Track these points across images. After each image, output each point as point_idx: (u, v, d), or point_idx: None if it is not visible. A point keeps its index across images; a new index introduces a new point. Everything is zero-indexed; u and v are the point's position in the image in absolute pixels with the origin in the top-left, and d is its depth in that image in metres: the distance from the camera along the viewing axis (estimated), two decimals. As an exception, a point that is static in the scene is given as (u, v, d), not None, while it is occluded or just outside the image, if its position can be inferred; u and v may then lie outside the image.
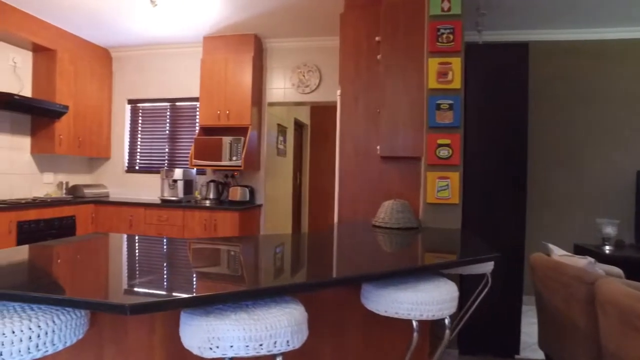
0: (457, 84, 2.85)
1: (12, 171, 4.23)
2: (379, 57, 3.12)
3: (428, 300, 1.53)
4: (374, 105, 3.22)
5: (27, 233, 3.78)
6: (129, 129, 5.21)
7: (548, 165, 4.12)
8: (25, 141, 4.37)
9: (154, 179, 5.05)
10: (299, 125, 6.41)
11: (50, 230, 4.01)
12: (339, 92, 3.31)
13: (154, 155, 5.13)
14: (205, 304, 1.11)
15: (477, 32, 3.47)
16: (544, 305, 2.55)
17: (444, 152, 2.87)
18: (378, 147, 3.07)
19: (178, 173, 4.52)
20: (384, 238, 2.37)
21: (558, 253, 2.61)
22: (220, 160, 4.35)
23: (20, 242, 3.71)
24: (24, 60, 4.32)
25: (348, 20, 3.30)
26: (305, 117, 6.56)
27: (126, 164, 5.20)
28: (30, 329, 1.09)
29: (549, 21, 3.86)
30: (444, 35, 2.89)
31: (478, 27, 3.41)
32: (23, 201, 3.90)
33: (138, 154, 5.19)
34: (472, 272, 2.28)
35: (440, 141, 2.88)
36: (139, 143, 5.20)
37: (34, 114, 4.20)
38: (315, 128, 6.86)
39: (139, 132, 5.20)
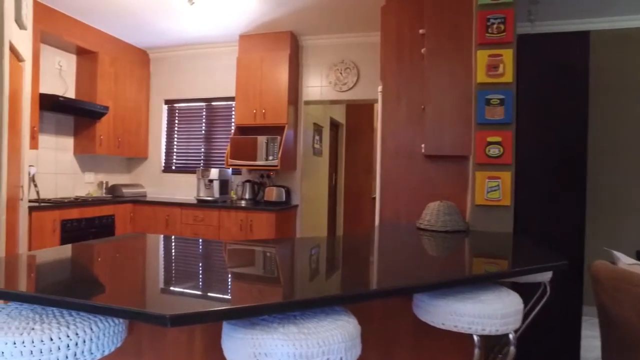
0: (508, 77, 2.65)
1: (57, 171, 4.33)
2: (423, 50, 2.96)
3: (491, 313, 1.37)
4: (418, 101, 3.06)
5: (69, 231, 3.85)
6: (165, 129, 5.26)
7: (607, 165, 3.81)
8: (69, 142, 4.47)
9: (190, 179, 5.06)
10: (334, 125, 6.29)
11: (91, 229, 4.07)
12: (380, 88, 3.17)
13: (190, 155, 5.15)
14: (250, 315, 1.00)
15: (529, 23, 3.24)
16: (611, 319, 2.31)
17: (494, 151, 2.68)
18: (422, 146, 2.91)
19: (214, 173, 4.50)
20: (431, 242, 2.21)
21: (626, 261, 2.36)
22: (256, 160, 4.29)
23: (63, 240, 3.78)
24: (69, 63, 4.42)
25: (390, 13, 3.15)
26: (340, 116, 6.44)
27: (163, 164, 5.25)
28: (68, 336, 1.02)
29: (608, 7, 3.56)
30: (494, 26, 2.70)
31: (530, 16, 3.18)
32: (66, 200, 3.98)
33: (174, 154, 5.23)
34: (528, 280, 2.09)
35: (490, 139, 2.68)
36: (175, 143, 5.23)
37: (77, 115, 4.29)
38: (351, 127, 6.73)
39: (176, 132, 5.23)
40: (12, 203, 3.20)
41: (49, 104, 3.86)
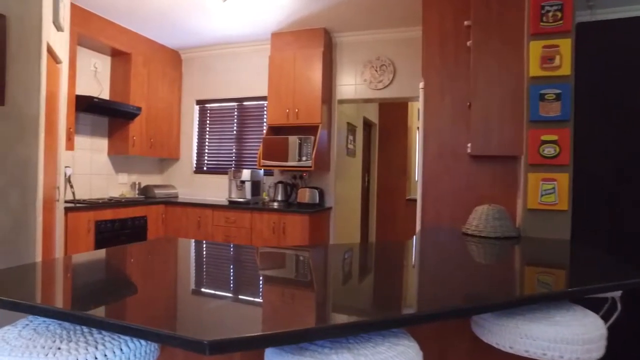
0: (566, 69, 2.42)
1: (92, 172, 4.36)
2: (469, 43, 2.76)
3: (571, 338, 1.18)
4: (463, 98, 2.86)
5: (103, 232, 3.85)
6: (197, 130, 5.24)
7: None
8: (103, 143, 4.50)
9: (221, 180, 5.01)
10: (367, 124, 6.12)
11: (124, 230, 4.07)
12: (421, 85, 2.98)
13: (222, 156, 5.10)
14: (300, 341, 0.87)
15: (587, 9, 2.98)
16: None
17: (549, 150, 2.45)
18: (469, 145, 2.71)
19: (246, 174, 4.42)
20: (482, 249, 2.02)
21: None
22: (289, 161, 4.18)
23: (97, 241, 3.78)
24: (104, 65, 4.45)
25: (432, 5, 2.97)
26: (373, 115, 6.26)
27: (194, 165, 5.22)
28: (96, 358, 0.92)
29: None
30: (550, 14, 2.47)
31: (589, 2, 2.92)
32: (100, 201, 3.99)
33: (206, 154, 5.20)
34: (594, 294, 1.87)
35: (544, 137, 2.46)
36: (206, 144, 5.20)
37: (111, 116, 4.30)
38: (384, 127, 6.53)
39: (207, 132, 5.20)
40: (49, 204, 3.20)
41: (84, 105, 3.87)
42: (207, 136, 5.20)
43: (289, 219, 3.99)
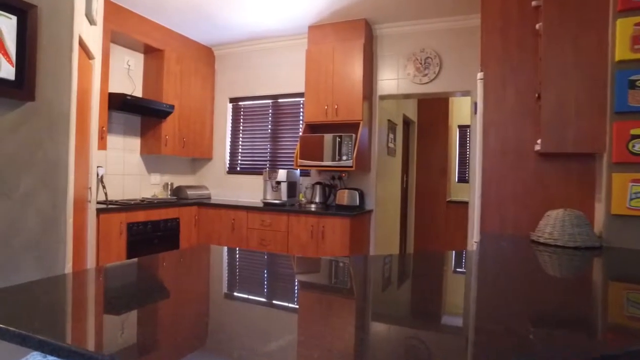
0: (661, 51, 2.07)
1: (124, 172, 4.25)
2: (538, 26, 2.43)
3: None
4: (529, 88, 2.53)
5: (135, 235, 3.71)
6: (230, 129, 5.07)
7: None
8: (136, 142, 4.38)
9: (255, 181, 4.82)
10: (405, 122, 5.80)
11: (156, 232, 3.93)
12: (479, 75, 2.67)
13: (256, 156, 4.91)
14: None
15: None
16: None
17: None
18: (538, 142, 2.39)
19: (282, 174, 4.21)
20: (566, 262, 1.71)
21: None
22: (329, 160, 3.94)
23: (129, 244, 3.65)
24: (137, 62, 4.34)
25: (493, -15, 2.65)
26: (412, 112, 5.94)
27: (227, 165, 5.06)
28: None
29: None
30: (642, -14, 2.13)
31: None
32: (132, 202, 3.86)
33: (239, 154, 5.02)
34: None
35: (635, 131, 2.11)
36: (240, 143, 5.02)
37: (144, 115, 4.18)
38: (423, 124, 6.19)
39: (240, 131, 5.02)
40: (80, 205, 3.08)
41: (117, 103, 3.75)
42: (241, 135, 5.02)
43: (328, 223, 3.75)
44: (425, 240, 6.06)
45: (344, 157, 3.87)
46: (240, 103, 5.01)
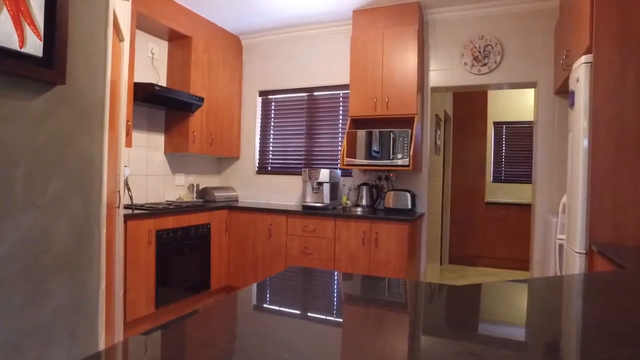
0: None
1: (147, 172, 3.82)
2: (669, -3, 2.04)
3: None
4: (656, 72, 2.13)
5: (165, 244, 3.28)
6: (259, 125, 4.64)
7: None
8: (159, 139, 3.95)
9: (289, 181, 4.40)
10: (442, 118, 5.40)
11: (187, 240, 3.50)
12: (584, 59, 2.27)
13: (289, 154, 4.49)
14: None
15: None
16: None
17: None
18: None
19: (324, 174, 3.79)
20: None
21: None
22: (382, 159, 3.53)
23: (159, 254, 3.22)
24: (161, 51, 3.90)
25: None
26: (448, 107, 5.53)
27: (257, 164, 4.63)
28: None
29: None
30: None
31: None
32: (160, 207, 3.43)
33: (270, 152, 4.60)
34: None
35: None
36: (271, 140, 4.59)
37: (170, 108, 3.74)
38: (459, 120, 5.78)
39: (272, 127, 4.59)
40: (110, 211, 2.64)
41: (143, 94, 3.33)
42: (272, 132, 4.59)
43: (382, 228, 3.33)
44: (462, 246, 5.66)
45: (399, 156, 3.46)
46: (270, 97, 4.58)
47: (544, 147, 3.46)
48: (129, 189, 3.37)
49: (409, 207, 3.64)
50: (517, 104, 6.06)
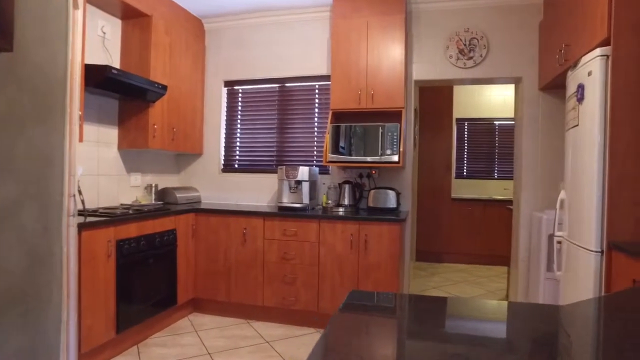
0: None
1: (98, 172, 3.27)
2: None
3: None
4: (674, 67, 2.09)
5: (127, 256, 2.80)
6: (225, 118, 4.21)
7: None
8: (112, 133, 3.40)
9: (258, 180, 4.03)
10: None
11: (151, 249, 3.03)
12: (600, 51, 2.19)
13: (259, 151, 4.11)
14: None
15: None
16: None
17: None
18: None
19: (303, 172, 3.48)
20: None
21: None
22: (370, 155, 3.29)
23: (120, 269, 2.73)
24: (113, 30, 3.35)
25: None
26: (415, 101, 5.43)
27: (222, 162, 4.20)
28: None
29: None
30: None
31: None
32: (118, 211, 2.92)
33: (237, 149, 4.19)
34: None
35: None
36: (238, 136, 4.19)
37: (126, 96, 3.21)
38: (426, 115, 5.72)
39: (238, 121, 4.19)
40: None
41: (96, 79, 2.81)
42: (239, 126, 4.18)
43: (372, 230, 3.11)
44: (429, 242, 5.63)
45: (388, 152, 3.25)
46: (237, 87, 4.17)
47: (528, 143, 3.43)
48: (79, 192, 2.83)
49: (394, 205, 3.45)
50: (479, 101, 6.16)
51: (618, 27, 2.14)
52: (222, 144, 4.19)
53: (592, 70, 2.27)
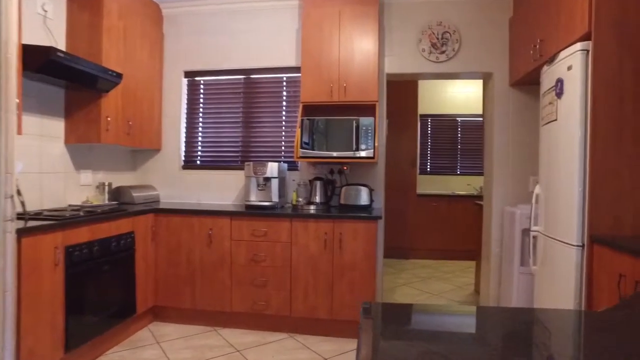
0: None
1: (41, 169, 2.90)
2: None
3: None
4: (651, 61, 2.10)
5: (77, 264, 2.49)
6: (185, 111, 3.92)
7: None
8: (58, 126, 3.04)
9: (223, 177, 3.79)
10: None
11: (106, 255, 2.72)
12: (581, 46, 2.17)
13: (223, 146, 3.86)
14: None
15: None
16: None
17: None
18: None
19: (272, 169, 3.29)
20: None
21: None
22: (345, 150, 3.15)
23: (70, 279, 2.42)
24: (56, 9, 2.98)
25: None
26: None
27: (183, 158, 3.91)
28: None
29: None
30: None
31: None
32: (67, 213, 2.60)
33: (199, 144, 3.91)
34: None
35: None
36: (200, 130, 3.91)
37: (73, 84, 2.87)
38: (391, 111, 5.66)
39: (200, 115, 3.91)
40: None
41: (38, 62, 2.46)
42: (201, 120, 3.91)
43: (347, 228, 2.98)
44: (395, 239, 5.60)
45: (363, 147, 3.13)
46: (199, 78, 3.89)
47: (499, 138, 3.43)
48: (18, 192, 2.48)
49: (368, 203, 3.35)
50: (442, 97, 6.21)
51: (599, 22, 2.13)
52: (183, 139, 3.90)
53: (572, 65, 2.25)
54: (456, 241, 5.59)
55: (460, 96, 6.20)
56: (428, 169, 6.29)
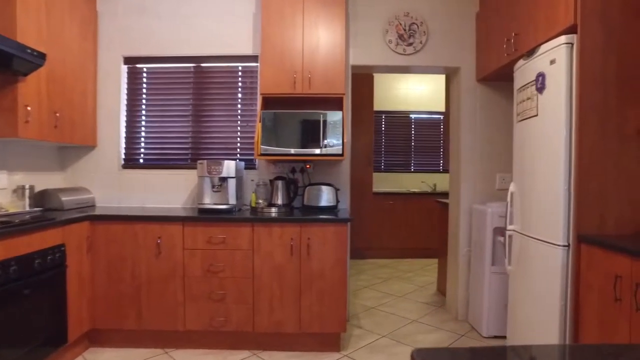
0: None
1: (-60, 170, 2.34)
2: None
3: None
4: (636, 56, 2.05)
5: (-10, 287, 2.00)
6: (125, 103, 3.44)
7: None
8: (-39, 117, 2.48)
9: (170, 178, 3.37)
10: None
11: (27, 276, 2.23)
12: (565, 39, 2.08)
13: (170, 143, 3.43)
14: None
15: None
16: None
17: None
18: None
19: (229, 167, 2.94)
20: None
21: None
22: (311, 147, 2.88)
23: (-19, 305, 1.93)
24: (-45, -30, 2.41)
25: None
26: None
27: (123, 156, 3.42)
28: None
29: None
30: None
31: None
32: (-25, 225, 2.09)
33: (142, 140, 3.45)
34: None
35: None
36: (143, 124, 3.44)
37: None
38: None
39: (143, 107, 3.44)
40: None
41: None
42: (144, 113, 3.44)
43: (316, 232, 2.72)
44: (352, 238, 5.42)
45: (331, 142, 2.88)
46: (141, 66, 3.42)
47: (467, 135, 3.34)
48: None
49: (334, 203, 3.11)
50: (395, 94, 6.15)
51: (584, 14, 2.04)
52: (123, 135, 3.41)
53: (555, 59, 2.16)
54: (413, 239, 5.54)
55: (414, 93, 6.18)
56: (382, 167, 6.20)
